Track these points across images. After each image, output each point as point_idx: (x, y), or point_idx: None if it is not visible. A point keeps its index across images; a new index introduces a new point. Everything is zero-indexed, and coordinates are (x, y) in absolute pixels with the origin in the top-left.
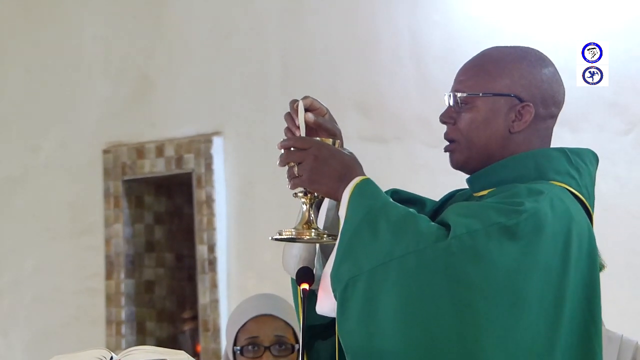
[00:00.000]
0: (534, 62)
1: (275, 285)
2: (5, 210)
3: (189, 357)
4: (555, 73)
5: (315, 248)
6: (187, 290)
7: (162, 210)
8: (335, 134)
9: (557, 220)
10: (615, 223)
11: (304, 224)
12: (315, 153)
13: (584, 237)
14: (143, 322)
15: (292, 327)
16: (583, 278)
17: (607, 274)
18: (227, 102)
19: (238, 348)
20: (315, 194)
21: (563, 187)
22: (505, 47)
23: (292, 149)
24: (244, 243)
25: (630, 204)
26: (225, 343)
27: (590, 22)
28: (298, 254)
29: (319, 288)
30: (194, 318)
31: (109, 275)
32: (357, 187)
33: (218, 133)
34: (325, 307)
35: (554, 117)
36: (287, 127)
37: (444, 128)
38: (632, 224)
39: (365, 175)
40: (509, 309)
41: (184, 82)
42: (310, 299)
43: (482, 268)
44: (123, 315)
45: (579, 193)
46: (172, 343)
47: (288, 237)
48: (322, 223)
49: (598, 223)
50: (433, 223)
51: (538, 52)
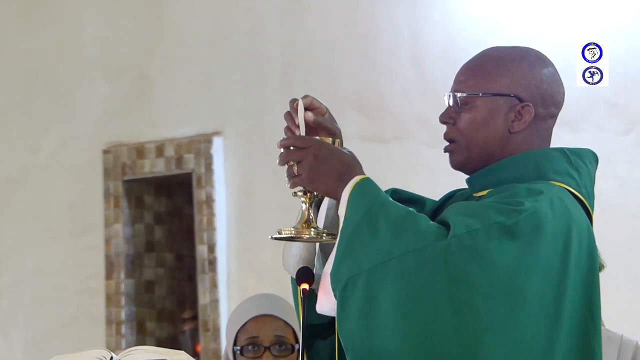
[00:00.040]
0: (534, 62)
1: (275, 285)
2: (5, 210)
3: (189, 357)
4: (555, 73)
5: (315, 247)
6: (187, 290)
7: (162, 210)
8: (335, 133)
9: (557, 220)
10: (615, 223)
11: (304, 223)
12: (315, 152)
13: (584, 237)
14: (143, 322)
15: (292, 327)
16: (583, 278)
17: (606, 274)
18: (227, 102)
19: (238, 348)
20: (315, 193)
21: (563, 187)
22: (505, 47)
23: (291, 148)
24: (244, 243)
25: (630, 204)
26: (225, 343)
27: (590, 22)
28: (298, 254)
29: (319, 287)
30: (194, 318)
31: (109, 275)
32: (356, 186)
33: (218, 133)
34: (325, 306)
35: (554, 117)
36: (286, 126)
37: (444, 128)
38: (632, 224)
39: (365, 175)
40: (509, 309)
41: (184, 82)
42: (310, 299)
43: (481, 267)
44: (123, 315)
45: (579, 193)
46: (172, 343)
47: (287, 236)
48: (322, 222)
49: (598, 223)
50: (433, 222)
51: (538, 52)
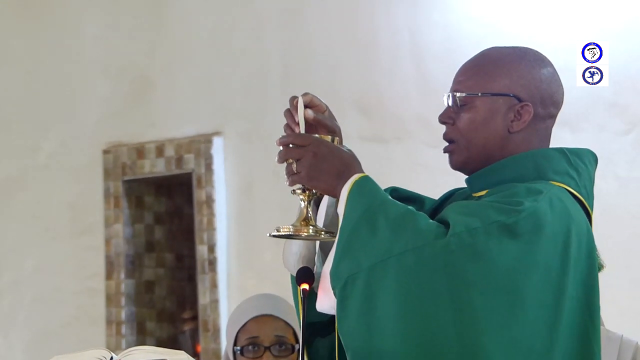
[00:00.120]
0: (533, 62)
1: (275, 285)
2: (5, 210)
3: (189, 357)
4: (554, 73)
5: (315, 246)
6: (187, 291)
7: (162, 211)
8: (335, 131)
9: (556, 220)
10: (615, 223)
11: (302, 221)
12: (314, 150)
13: (583, 237)
14: (143, 322)
15: (292, 327)
16: (582, 278)
17: (606, 274)
18: (227, 102)
19: (238, 348)
20: (314, 191)
21: (562, 187)
22: (505, 47)
23: (291, 146)
24: (244, 243)
25: (630, 204)
26: (225, 343)
27: (590, 22)
28: (298, 252)
29: (319, 286)
30: (194, 318)
31: (109, 275)
32: (355, 184)
33: (218, 133)
34: (325, 304)
35: (553, 117)
36: (286, 123)
37: (444, 128)
38: (632, 224)
39: (364, 173)
40: (508, 308)
41: (184, 82)
42: (310, 297)
43: (481, 266)
44: (123, 316)
45: (578, 193)
46: (172, 343)
47: (286, 233)
48: (322, 220)
49: (598, 223)
50: (432, 221)
51: (537, 52)
